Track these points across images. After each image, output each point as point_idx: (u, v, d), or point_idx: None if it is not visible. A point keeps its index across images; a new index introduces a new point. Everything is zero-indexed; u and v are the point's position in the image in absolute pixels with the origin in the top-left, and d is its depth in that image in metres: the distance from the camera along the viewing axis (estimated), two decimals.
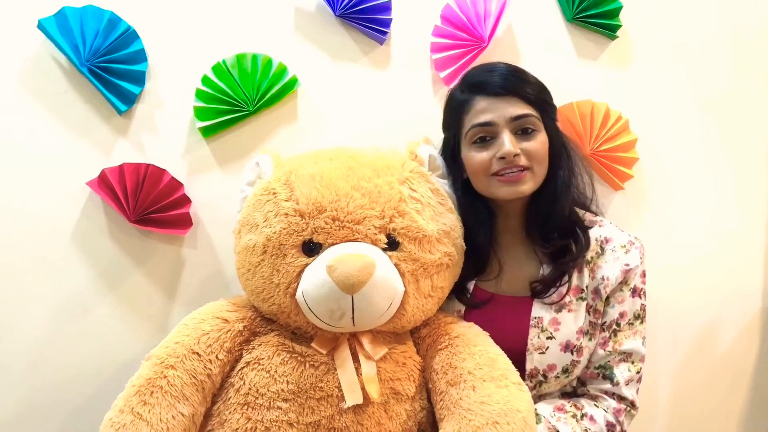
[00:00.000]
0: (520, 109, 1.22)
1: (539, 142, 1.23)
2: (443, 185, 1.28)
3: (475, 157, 1.24)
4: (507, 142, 1.20)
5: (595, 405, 1.26)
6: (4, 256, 1.41)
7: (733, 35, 1.69)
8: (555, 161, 1.28)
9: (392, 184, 1.17)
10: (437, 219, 1.20)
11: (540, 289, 1.27)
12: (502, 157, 1.20)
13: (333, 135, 1.52)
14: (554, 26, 1.60)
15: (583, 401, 1.27)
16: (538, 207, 1.29)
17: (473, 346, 1.17)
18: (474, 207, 1.29)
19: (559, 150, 1.29)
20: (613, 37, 1.61)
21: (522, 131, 1.22)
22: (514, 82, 1.23)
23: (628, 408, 1.27)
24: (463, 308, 1.32)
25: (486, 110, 1.22)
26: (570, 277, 1.27)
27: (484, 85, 1.24)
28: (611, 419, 1.25)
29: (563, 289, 1.26)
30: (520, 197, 1.24)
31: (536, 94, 1.24)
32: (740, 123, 1.70)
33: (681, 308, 1.70)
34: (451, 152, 1.31)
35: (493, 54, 1.54)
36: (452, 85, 1.37)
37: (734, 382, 1.78)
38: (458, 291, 1.30)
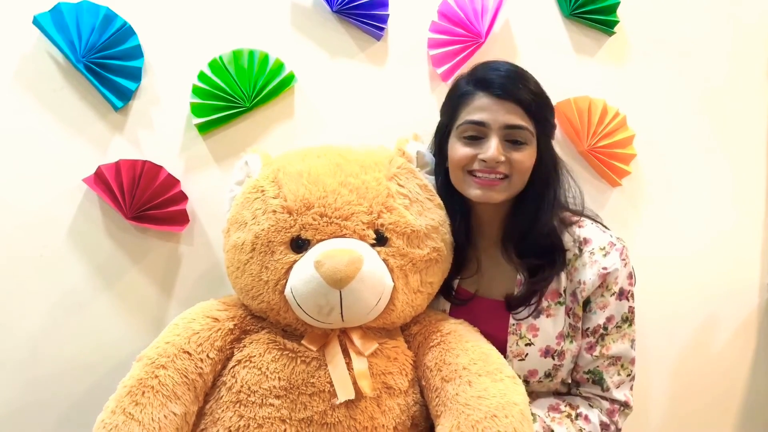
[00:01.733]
0: (516, 118, 1.19)
1: (526, 156, 1.21)
2: (432, 181, 1.28)
3: (458, 150, 1.23)
4: (493, 147, 1.18)
5: (590, 405, 1.26)
6: (0, 253, 1.41)
7: (730, 30, 1.68)
8: (542, 179, 1.25)
9: (380, 180, 1.17)
10: (425, 214, 1.20)
11: (512, 306, 1.26)
12: (484, 161, 1.19)
13: (330, 131, 1.52)
14: (551, 22, 1.60)
15: (578, 401, 1.27)
16: (517, 223, 1.26)
17: (465, 342, 1.17)
18: (451, 199, 1.27)
19: (548, 169, 1.26)
20: (610, 33, 1.61)
21: (513, 141, 1.20)
22: (517, 88, 1.20)
23: (622, 408, 1.26)
24: (448, 307, 1.31)
25: (483, 109, 1.20)
26: (540, 298, 1.24)
27: (488, 83, 1.21)
28: (605, 419, 1.24)
29: (530, 309, 1.24)
30: (489, 203, 1.23)
31: (537, 108, 1.21)
32: (738, 119, 1.69)
33: (678, 304, 1.69)
34: (441, 138, 1.29)
35: (490, 50, 1.53)
36: (461, 72, 1.32)
37: (731, 378, 1.77)
38: (444, 289, 1.29)
